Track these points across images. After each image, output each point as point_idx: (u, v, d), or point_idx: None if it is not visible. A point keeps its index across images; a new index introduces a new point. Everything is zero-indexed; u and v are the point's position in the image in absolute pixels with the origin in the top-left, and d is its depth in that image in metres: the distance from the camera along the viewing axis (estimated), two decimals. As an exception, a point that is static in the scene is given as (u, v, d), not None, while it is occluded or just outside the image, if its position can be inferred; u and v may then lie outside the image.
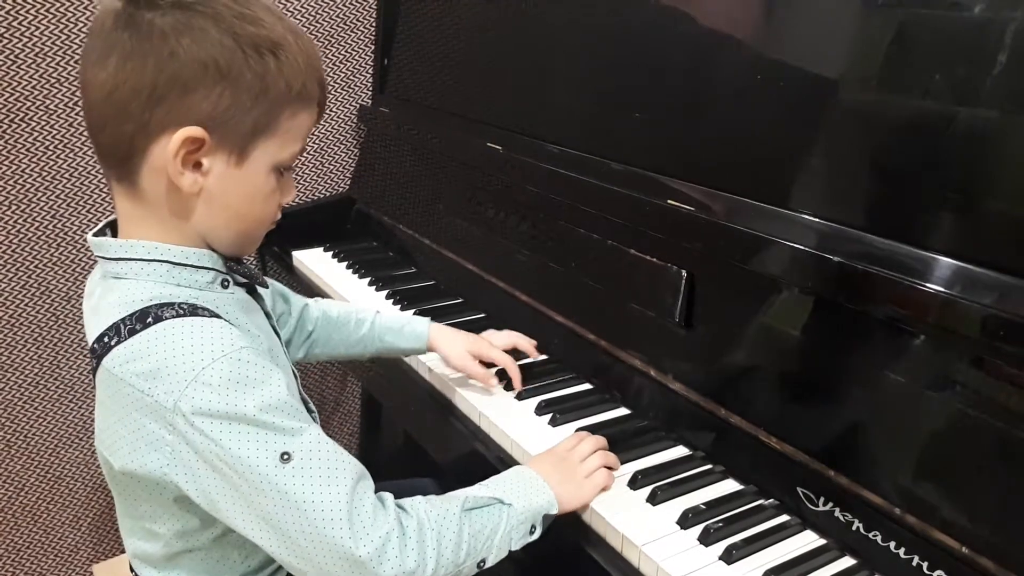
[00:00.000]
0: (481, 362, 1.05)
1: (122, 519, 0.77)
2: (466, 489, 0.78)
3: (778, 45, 0.90)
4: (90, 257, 0.74)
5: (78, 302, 1.51)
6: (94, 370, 0.69)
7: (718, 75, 0.97)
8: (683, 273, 0.95)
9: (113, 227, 0.75)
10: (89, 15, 1.39)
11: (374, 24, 1.68)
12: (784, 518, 0.83)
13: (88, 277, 0.80)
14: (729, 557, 0.77)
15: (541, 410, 1.00)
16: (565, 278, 1.14)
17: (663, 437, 0.96)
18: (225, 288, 0.74)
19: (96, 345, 0.68)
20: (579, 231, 1.12)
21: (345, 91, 1.70)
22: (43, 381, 1.54)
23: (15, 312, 1.47)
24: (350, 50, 1.68)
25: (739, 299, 0.90)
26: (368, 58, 1.71)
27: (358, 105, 1.72)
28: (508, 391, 1.05)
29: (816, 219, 0.84)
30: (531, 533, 0.78)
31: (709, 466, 0.90)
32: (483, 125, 1.34)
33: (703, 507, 0.83)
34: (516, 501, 0.77)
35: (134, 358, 0.65)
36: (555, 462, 0.85)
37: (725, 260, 0.91)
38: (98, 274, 0.75)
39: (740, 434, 0.87)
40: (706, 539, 0.79)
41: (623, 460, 0.91)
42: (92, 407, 0.79)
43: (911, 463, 0.74)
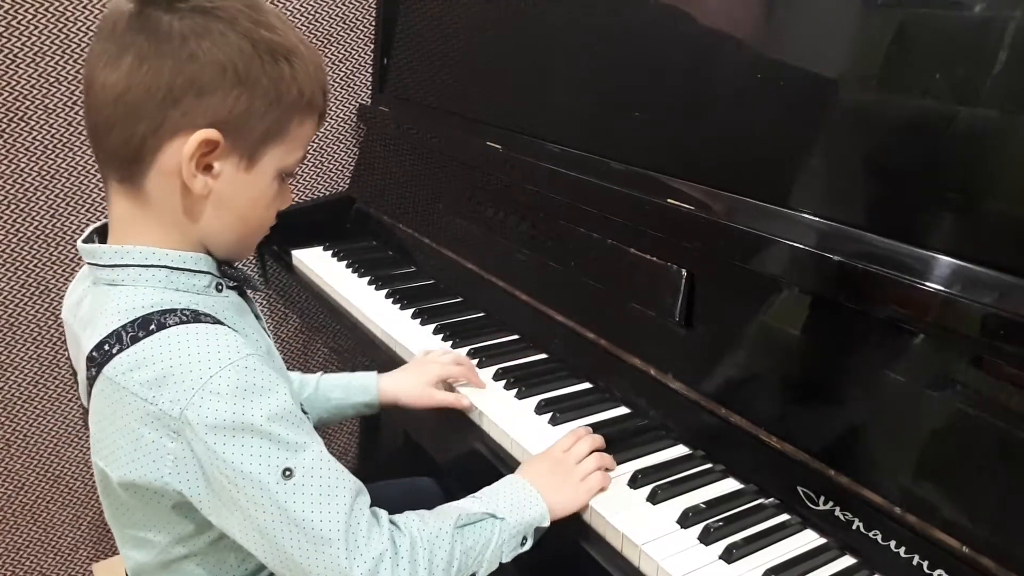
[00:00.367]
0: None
1: (114, 529, 0.77)
2: (460, 504, 0.78)
3: (778, 44, 0.90)
4: (86, 256, 0.74)
5: (77, 301, 1.50)
6: (91, 379, 0.67)
7: (718, 74, 0.97)
8: (683, 272, 0.95)
9: (100, 233, 0.74)
10: (88, 14, 1.38)
11: (374, 23, 1.68)
12: (784, 517, 0.83)
13: (70, 284, 0.79)
14: (729, 556, 0.77)
15: (541, 409, 1.00)
16: (565, 277, 1.14)
17: (663, 436, 0.96)
18: (219, 292, 0.73)
19: (95, 354, 0.67)
20: (579, 230, 1.12)
21: (345, 90, 1.70)
22: (42, 380, 1.54)
23: (14, 311, 1.47)
24: (350, 49, 1.68)
25: (739, 298, 0.90)
26: (368, 57, 1.70)
27: (358, 104, 1.72)
28: (509, 390, 1.05)
29: (816, 218, 0.84)
30: (522, 545, 0.78)
31: (709, 465, 0.90)
32: (483, 124, 1.34)
33: (703, 506, 0.83)
34: (508, 515, 0.77)
35: (138, 366, 0.64)
36: (550, 466, 0.85)
37: (725, 259, 0.91)
38: (86, 282, 0.74)
39: (740, 433, 0.87)
40: (706, 538, 0.79)
41: (623, 459, 0.91)
42: (92, 406, 0.79)
43: (911, 462, 0.74)
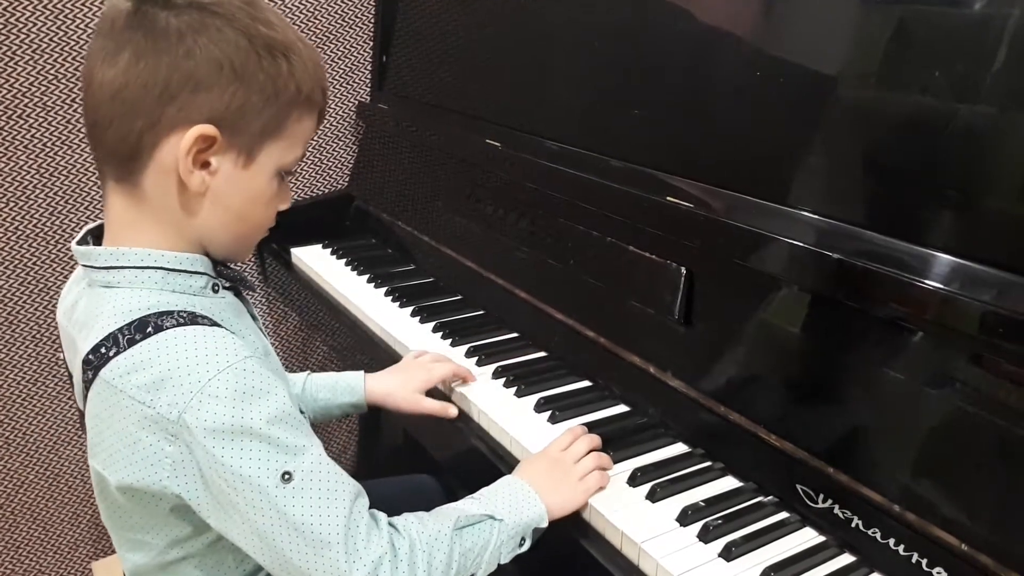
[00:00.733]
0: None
1: (111, 531, 0.76)
2: (458, 505, 0.78)
3: (777, 42, 0.90)
4: (87, 255, 0.73)
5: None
6: (88, 383, 0.67)
7: (717, 72, 0.96)
8: (682, 270, 0.95)
9: (95, 234, 0.74)
10: (87, 12, 1.38)
11: (373, 20, 1.68)
12: (783, 515, 0.82)
13: (64, 287, 0.79)
14: (728, 554, 0.77)
15: (540, 407, 1.00)
16: (564, 275, 1.14)
17: (662, 434, 0.96)
18: (216, 292, 0.73)
19: (91, 356, 0.66)
20: (578, 228, 1.11)
21: (344, 87, 1.70)
22: (41, 379, 1.53)
23: (13, 309, 1.47)
24: (349, 46, 1.68)
25: (738, 296, 0.90)
26: (367, 54, 1.70)
27: (357, 102, 1.72)
28: (508, 388, 1.05)
29: (815, 216, 0.84)
30: (520, 545, 0.78)
31: (708, 463, 0.90)
32: (482, 122, 1.34)
33: (702, 504, 0.83)
34: (507, 516, 0.77)
35: (135, 369, 0.64)
36: (547, 466, 0.85)
37: (724, 257, 0.91)
38: (81, 284, 0.74)
39: (739, 431, 0.87)
40: (705, 536, 0.79)
41: (622, 457, 0.91)
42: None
43: (910, 460, 0.74)
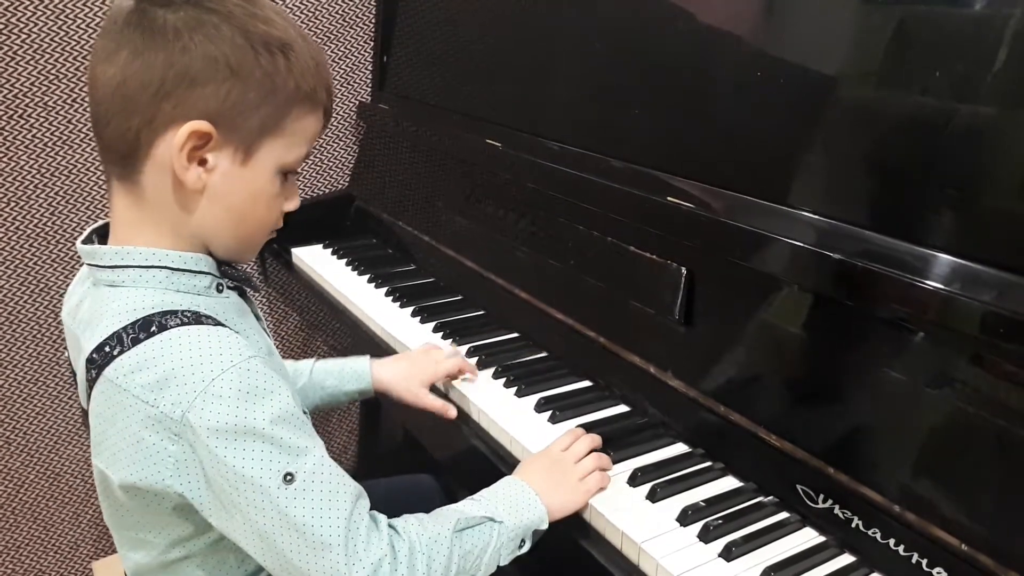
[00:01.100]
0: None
1: (113, 531, 0.76)
2: (458, 506, 0.78)
3: (778, 42, 0.90)
4: (88, 255, 0.74)
5: (77, 299, 1.51)
6: (91, 381, 0.67)
7: (718, 72, 0.96)
8: (683, 270, 0.95)
9: (100, 234, 0.74)
10: (88, 11, 1.38)
11: (373, 20, 1.68)
12: (783, 515, 0.82)
13: (70, 286, 0.79)
14: (728, 554, 0.77)
15: (541, 407, 1.00)
16: (565, 275, 1.14)
17: (662, 434, 0.96)
18: (220, 292, 0.73)
19: (95, 355, 0.66)
20: (579, 228, 1.11)
21: (344, 88, 1.70)
22: (42, 378, 1.54)
23: (14, 309, 1.47)
24: (349, 47, 1.68)
25: (739, 296, 0.90)
26: (367, 55, 1.70)
27: (357, 102, 1.72)
28: (508, 388, 1.05)
29: (816, 216, 0.84)
30: (520, 547, 0.78)
31: (709, 463, 0.90)
32: (483, 122, 1.34)
33: (703, 504, 0.83)
34: (507, 518, 0.77)
35: (139, 368, 0.64)
36: (548, 466, 0.85)
37: (725, 257, 0.91)
38: (86, 283, 0.74)
39: (740, 431, 0.87)
40: (706, 536, 0.79)
41: (622, 457, 0.91)
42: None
43: (910, 460, 0.74)
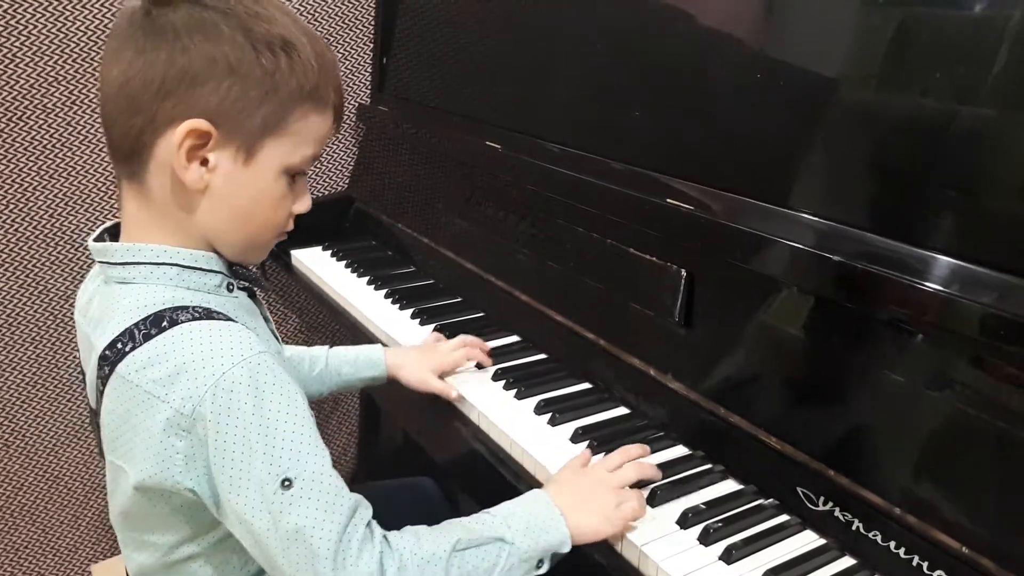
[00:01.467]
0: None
1: (119, 531, 0.76)
2: (467, 522, 0.74)
3: (778, 44, 0.90)
4: (89, 256, 0.74)
5: (76, 301, 1.51)
6: (104, 378, 0.67)
7: (718, 73, 0.96)
8: (683, 272, 0.95)
9: (112, 232, 0.74)
10: (88, 14, 1.38)
11: (373, 22, 1.68)
12: (784, 518, 0.82)
13: (81, 285, 0.79)
14: (729, 557, 0.76)
15: (540, 409, 1.00)
16: (564, 277, 1.14)
17: (662, 437, 0.95)
18: (230, 292, 0.73)
19: (108, 352, 0.66)
20: (578, 230, 1.11)
21: (344, 89, 1.70)
22: (41, 381, 1.53)
23: (13, 311, 1.47)
24: (349, 48, 1.68)
25: (739, 298, 0.90)
26: (367, 56, 1.70)
27: (357, 104, 1.72)
28: (508, 390, 1.05)
29: (816, 218, 0.84)
30: (537, 568, 0.73)
31: (709, 466, 0.90)
32: (482, 124, 1.34)
33: (703, 507, 0.82)
34: (520, 539, 0.72)
35: (151, 363, 0.64)
36: (586, 486, 0.80)
37: (725, 259, 0.91)
38: (97, 281, 0.74)
39: (740, 434, 0.87)
40: (706, 539, 0.79)
41: (622, 460, 0.90)
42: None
43: (911, 463, 0.74)
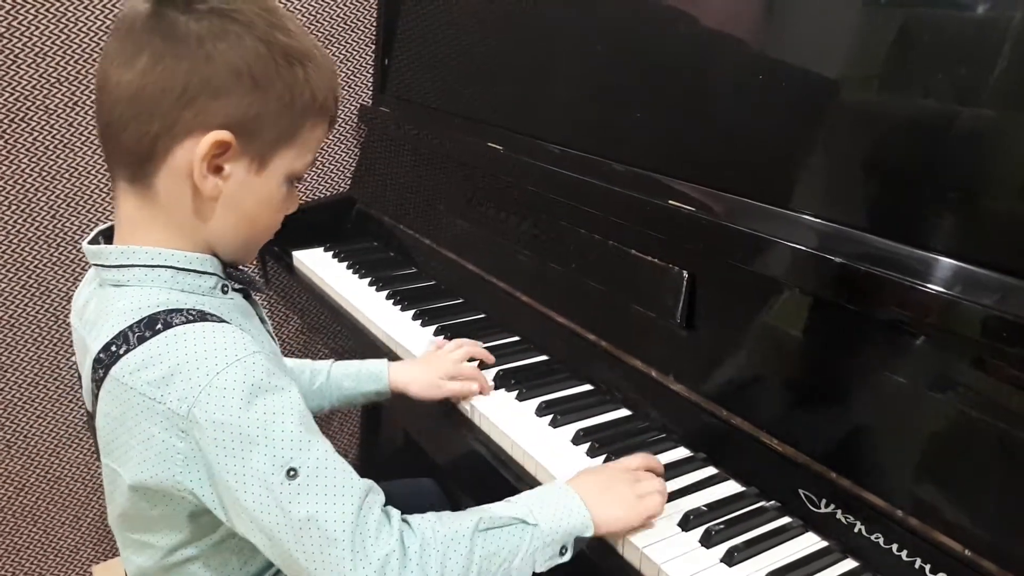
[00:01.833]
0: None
1: (117, 533, 0.76)
2: (487, 505, 0.74)
3: (780, 45, 0.90)
4: (89, 257, 0.74)
5: (78, 302, 1.51)
6: (98, 381, 0.67)
7: (720, 74, 0.96)
8: (684, 274, 0.95)
9: (106, 235, 0.74)
10: (90, 15, 1.38)
11: (375, 23, 1.68)
12: (786, 520, 0.82)
13: (78, 288, 0.79)
14: (731, 559, 0.76)
15: (542, 411, 1.00)
16: (566, 279, 1.14)
17: (664, 438, 0.95)
18: (225, 294, 0.73)
19: (102, 355, 0.66)
20: (580, 231, 1.11)
21: (346, 91, 1.70)
22: (43, 381, 1.54)
23: (15, 312, 1.47)
24: (351, 49, 1.68)
25: (741, 300, 0.90)
26: (369, 58, 1.70)
27: (358, 105, 1.72)
28: (510, 392, 1.05)
29: (818, 220, 0.84)
30: (562, 554, 0.74)
31: (710, 467, 0.90)
32: (484, 125, 1.34)
33: (704, 509, 0.82)
34: (543, 521, 0.73)
35: (145, 366, 0.64)
36: (605, 477, 0.81)
37: (727, 261, 0.91)
38: (92, 284, 0.74)
39: (742, 435, 0.87)
40: (707, 541, 0.78)
41: (624, 461, 0.90)
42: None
43: (913, 465, 0.74)
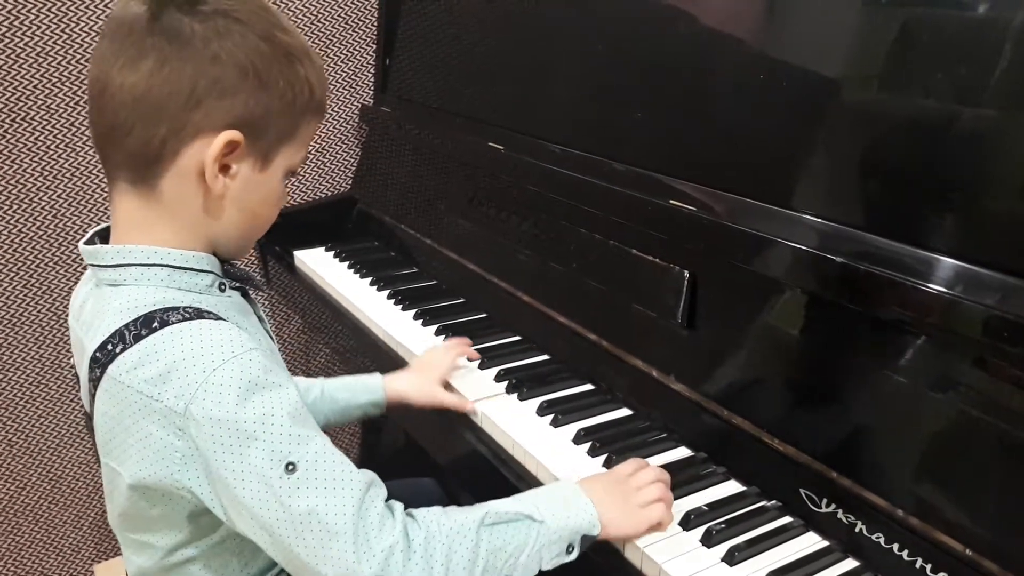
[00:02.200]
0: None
1: (118, 533, 0.76)
2: (493, 501, 0.74)
3: (780, 45, 0.90)
4: (91, 257, 0.74)
5: (80, 302, 1.51)
6: (95, 381, 0.67)
7: (721, 75, 0.96)
8: (685, 274, 0.95)
9: (103, 235, 0.74)
10: (92, 14, 1.38)
11: (376, 23, 1.68)
12: (787, 520, 0.82)
13: (75, 289, 0.79)
14: (731, 559, 0.76)
15: (543, 411, 1.00)
16: (567, 278, 1.14)
17: (665, 438, 0.95)
18: (222, 291, 0.73)
19: (99, 354, 0.66)
20: (581, 231, 1.11)
21: (347, 90, 1.70)
22: (45, 380, 1.54)
23: (17, 311, 1.47)
24: (352, 49, 1.68)
25: (742, 300, 0.90)
26: (370, 57, 1.70)
27: (360, 105, 1.72)
28: (511, 392, 1.05)
29: (819, 219, 0.84)
30: (568, 552, 0.73)
31: (711, 467, 0.90)
32: (485, 125, 1.34)
33: (705, 508, 0.82)
34: (549, 518, 0.72)
35: (141, 364, 0.64)
36: (610, 483, 0.80)
37: (728, 260, 0.91)
38: (89, 285, 0.74)
39: (742, 435, 0.87)
40: (708, 541, 0.79)
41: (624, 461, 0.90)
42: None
43: (914, 464, 0.74)
